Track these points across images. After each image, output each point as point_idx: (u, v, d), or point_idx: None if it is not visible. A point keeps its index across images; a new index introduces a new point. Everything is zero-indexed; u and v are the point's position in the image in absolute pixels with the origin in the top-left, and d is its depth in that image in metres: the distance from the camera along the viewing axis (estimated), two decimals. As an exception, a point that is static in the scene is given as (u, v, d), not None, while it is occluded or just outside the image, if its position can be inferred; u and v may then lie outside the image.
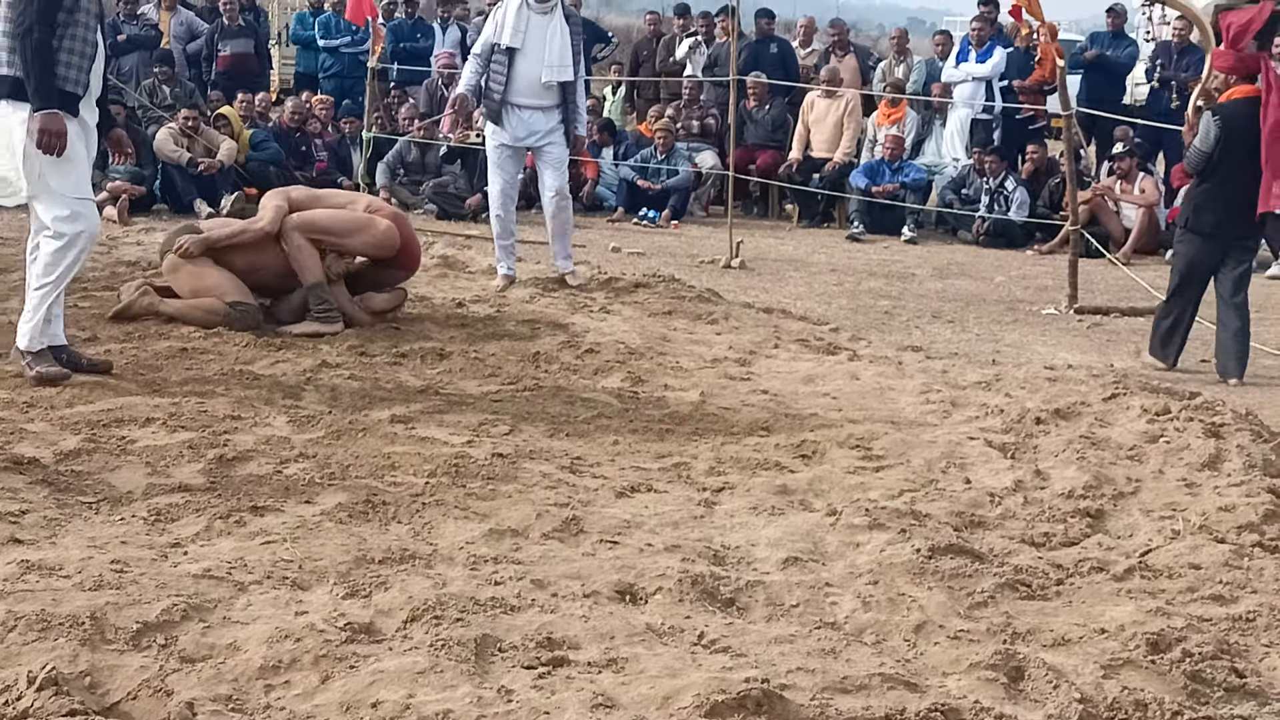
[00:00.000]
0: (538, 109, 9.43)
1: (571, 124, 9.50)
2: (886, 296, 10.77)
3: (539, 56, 9.29)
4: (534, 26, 9.30)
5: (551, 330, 8.05)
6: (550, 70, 9.29)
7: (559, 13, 9.37)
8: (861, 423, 6.39)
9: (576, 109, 9.60)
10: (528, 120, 9.45)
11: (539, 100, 9.41)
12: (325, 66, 17.05)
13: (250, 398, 6.34)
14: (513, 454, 5.63)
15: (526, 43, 9.29)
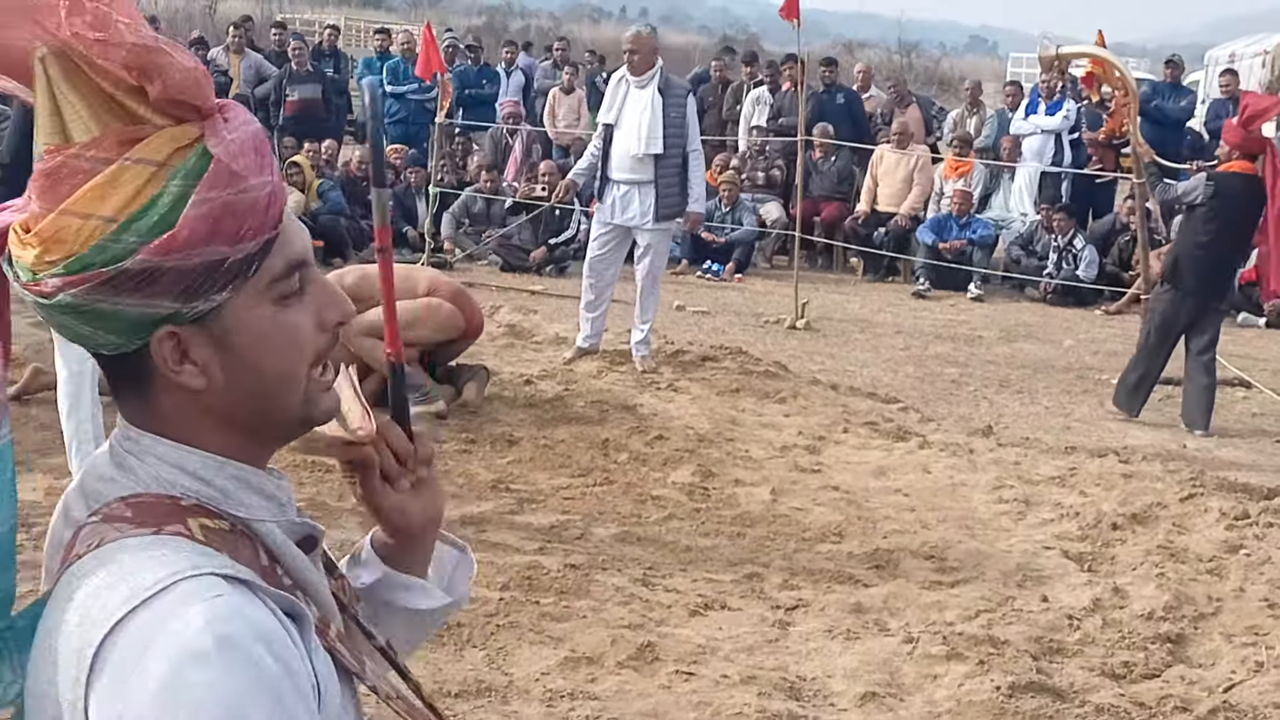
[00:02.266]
0: (632, 185, 9.12)
1: (682, 200, 9.19)
2: (953, 363, 10.70)
3: (632, 130, 9.06)
4: (630, 101, 9.11)
5: (619, 413, 8.04)
6: (639, 142, 9.01)
7: (654, 85, 9.08)
8: (935, 527, 6.34)
9: (690, 184, 9.22)
10: (623, 198, 9.18)
11: (632, 175, 9.11)
12: (391, 112, 17.15)
13: (322, 494, 6.36)
14: (585, 564, 5.63)
15: (622, 117, 9.12)
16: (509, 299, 11.90)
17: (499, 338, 9.94)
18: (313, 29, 27.34)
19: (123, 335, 1.28)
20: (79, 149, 1.24)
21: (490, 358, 9.23)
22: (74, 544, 1.29)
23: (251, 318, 1.31)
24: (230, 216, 1.26)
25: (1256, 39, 25.58)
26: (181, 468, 1.33)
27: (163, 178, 1.24)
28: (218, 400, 1.33)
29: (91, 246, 1.23)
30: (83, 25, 1.22)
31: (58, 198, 1.24)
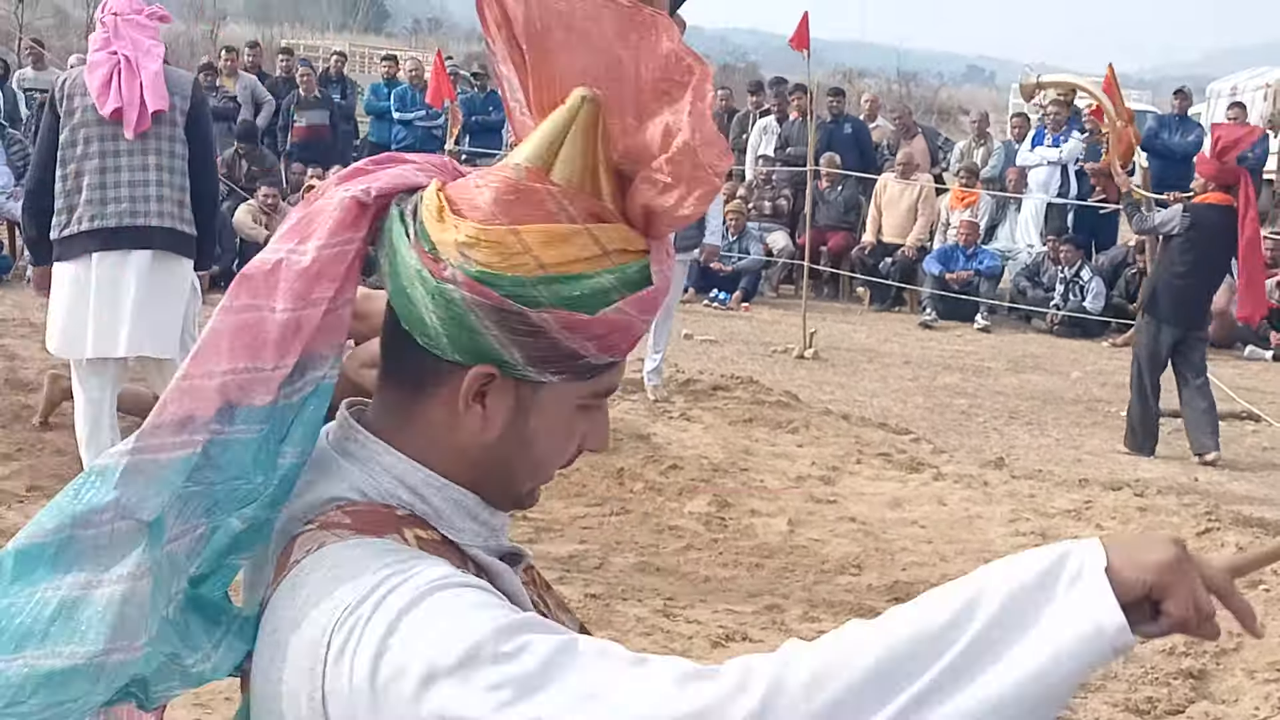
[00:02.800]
0: None
1: (699, 230, 9.07)
2: (963, 394, 10.71)
3: None
4: None
5: (633, 442, 8.05)
6: None
7: None
8: (952, 560, 6.34)
9: (706, 216, 9.31)
10: None
11: None
12: (398, 138, 17.20)
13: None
14: (605, 594, 5.62)
15: None
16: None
17: (510, 365, 9.94)
18: (317, 54, 27.41)
19: (456, 346, 1.32)
20: (559, 190, 1.29)
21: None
22: (291, 551, 1.33)
23: (556, 407, 1.35)
24: (623, 333, 1.33)
25: (1259, 72, 25.68)
26: (402, 481, 1.37)
27: (600, 264, 1.29)
28: (474, 445, 1.36)
29: (514, 276, 1.27)
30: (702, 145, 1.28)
31: (516, 216, 1.28)
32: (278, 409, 1.32)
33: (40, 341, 9.10)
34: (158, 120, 5.89)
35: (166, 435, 1.29)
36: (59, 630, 1.25)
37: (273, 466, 1.34)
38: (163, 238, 5.91)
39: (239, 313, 1.31)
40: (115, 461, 1.28)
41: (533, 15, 1.34)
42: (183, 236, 5.98)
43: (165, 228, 5.90)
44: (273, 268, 1.32)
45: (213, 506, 1.32)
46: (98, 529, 1.27)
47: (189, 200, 5.99)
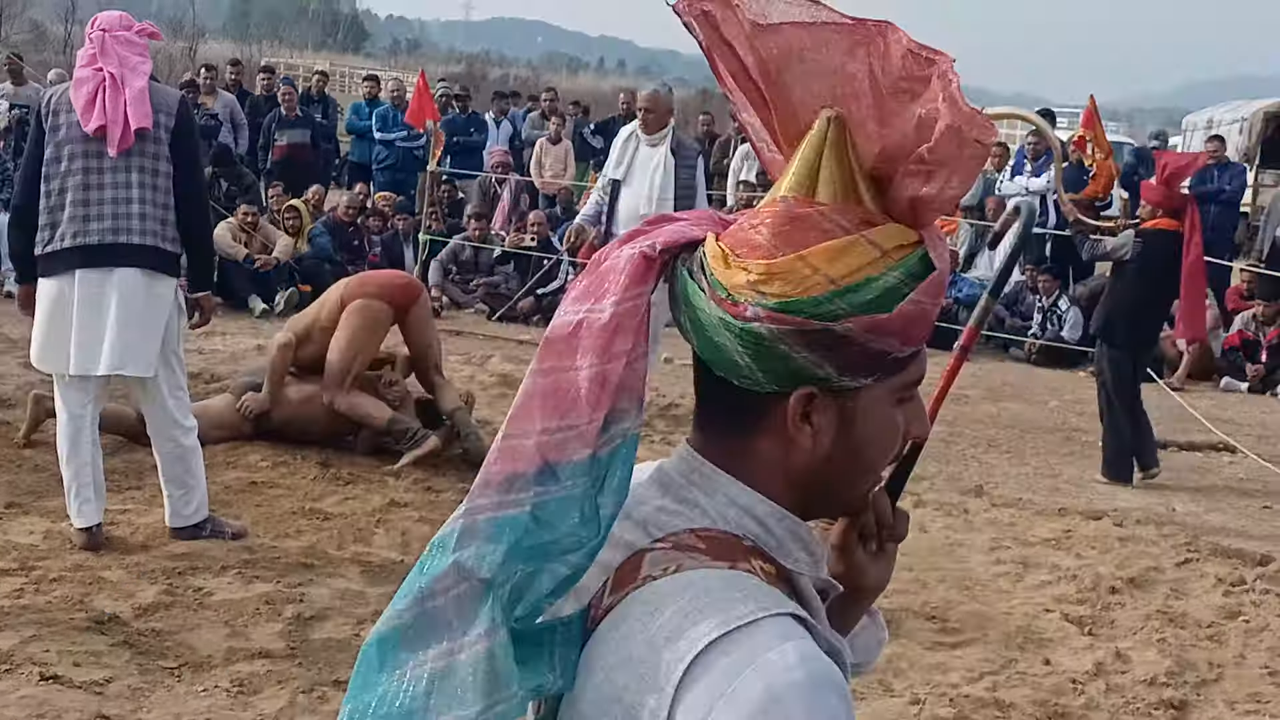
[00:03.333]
0: None
1: None
2: (941, 421, 10.67)
3: (641, 189, 8.86)
4: (640, 158, 8.91)
5: (615, 465, 8.03)
6: (648, 203, 8.78)
7: (666, 144, 8.88)
8: (934, 587, 6.35)
9: None
10: None
11: None
12: (379, 158, 17.20)
13: (322, 542, 6.34)
14: (588, 618, 5.60)
15: (631, 173, 8.91)
16: (498, 348, 11.90)
17: (491, 387, 9.94)
18: (298, 73, 27.40)
19: (772, 377, 1.38)
20: (827, 209, 1.36)
21: (484, 407, 9.22)
22: (639, 565, 1.39)
23: (876, 408, 1.42)
24: (921, 322, 1.38)
25: (1234, 105, 25.88)
26: (749, 512, 1.43)
27: (883, 265, 1.36)
28: (806, 465, 1.42)
29: (808, 297, 1.34)
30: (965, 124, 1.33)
31: (797, 243, 1.35)
32: (597, 462, 1.37)
33: (18, 357, 9.07)
34: (141, 138, 5.87)
35: (494, 495, 1.36)
36: (439, 702, 1.34)
37: (595, 518, 1.39)
38: (145, 256, 5.88)
39: (547, 375, 1.39)
40: (451, 528, 1.37)
41: (764, 58, 1.40)
42: (165, 255, 5.95)
43: (148, 246, 5.88)
44: (574, 329, 1.39)
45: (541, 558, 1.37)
46: (445, 596, 1.35)
47: (173, 219, 5.95)
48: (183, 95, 6.26)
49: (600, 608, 1.39)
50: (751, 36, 1.40)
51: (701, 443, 1.46)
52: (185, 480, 6.16)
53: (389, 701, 1.34)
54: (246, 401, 7.74)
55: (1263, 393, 13.07)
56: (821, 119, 1.38)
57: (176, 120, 5.97)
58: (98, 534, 5.99)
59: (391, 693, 1.34)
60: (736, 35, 1.42)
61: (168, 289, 6.00)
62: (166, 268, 5.98)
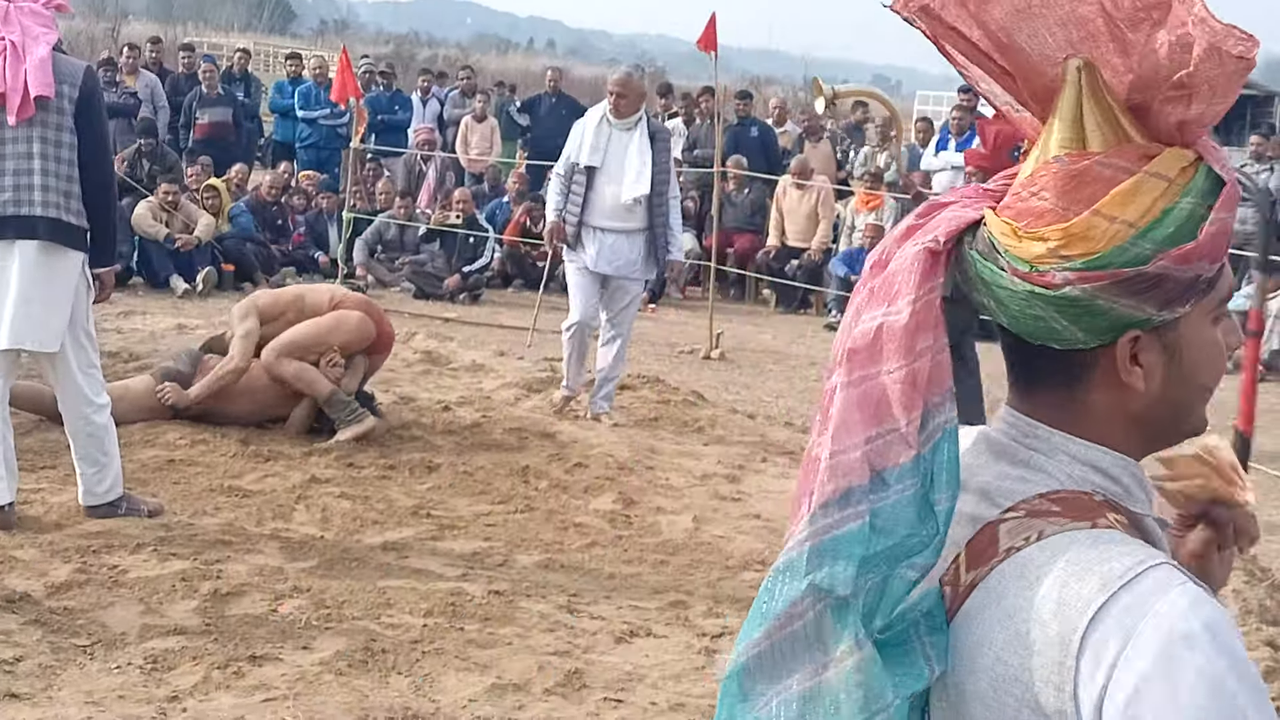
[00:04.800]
0: (620, 233, 8.57)
1: (662, 248, 8.72)
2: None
3: (618, 175, 8.52)
4: (615, 144, 8.55)
5: (539, 440, 8.01)
6: (628, 187, 8.49)
7: (642, 128, 8.59)
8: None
9: (670, 231, 8.75)
10: (610, 245, 8.59)
11: (621, 223, 8.56)
12: (303, 136, 17.04)
13: (240, 519, 6.27)
14: (509, 591, 5.58)
15: (606, 161, 8.54)
16: (423, 325, 11.83)
17: (415, 364, 9.88)
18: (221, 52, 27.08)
19: (1093, 333, 1.41)
20: (1102, 157, 1.38)
21: (407, 384, 9.18)
22: (994, 537, 1.41)
23: (1196, 333, 1.44)
24: (1223, 237, 1.39)
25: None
26: (1094, 465, 1.45)
27: (1174, 193, 1.38)
28: (1141, 404, 1.44)
29: (1114, 247, 1.37)
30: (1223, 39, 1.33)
31: (1084, 199, 1.37)
32: (921, 460, 1.40)
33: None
34: (44, 108, 5.75)
35: (835, 513, 1.39)
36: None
37: (931, 515, 1.41)
38: (47, 228, 5.76)
39: (857, 385, 1.42)
40: (797, 552, 1.40)
41: (992, 29, 1.42)
42: (69, 228, 5.82)
43: (49, 218, 5.76)
44: (874, 335, 1.42)
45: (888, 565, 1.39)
46: (802, 620, 1.38)
47: (78, 191, 5.84)
48: (89, 66, 6.13)
49: (961, 585, 1.42)
50: (975, 13, 1.42)
51: (1028, 406, 1.48)
52: (98, 458, 6.06)
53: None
54: (167, 392, 7.62)
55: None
56: (1070, 69, 1.39)
57: (81, 91, 5.85)
58: (9, 513, 5.88)
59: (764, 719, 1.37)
60: (959, 17, 1.43)
61: (72, 263, 5.86)
62: (70, 241, 5.84)
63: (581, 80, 45.66)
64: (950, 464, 1.41)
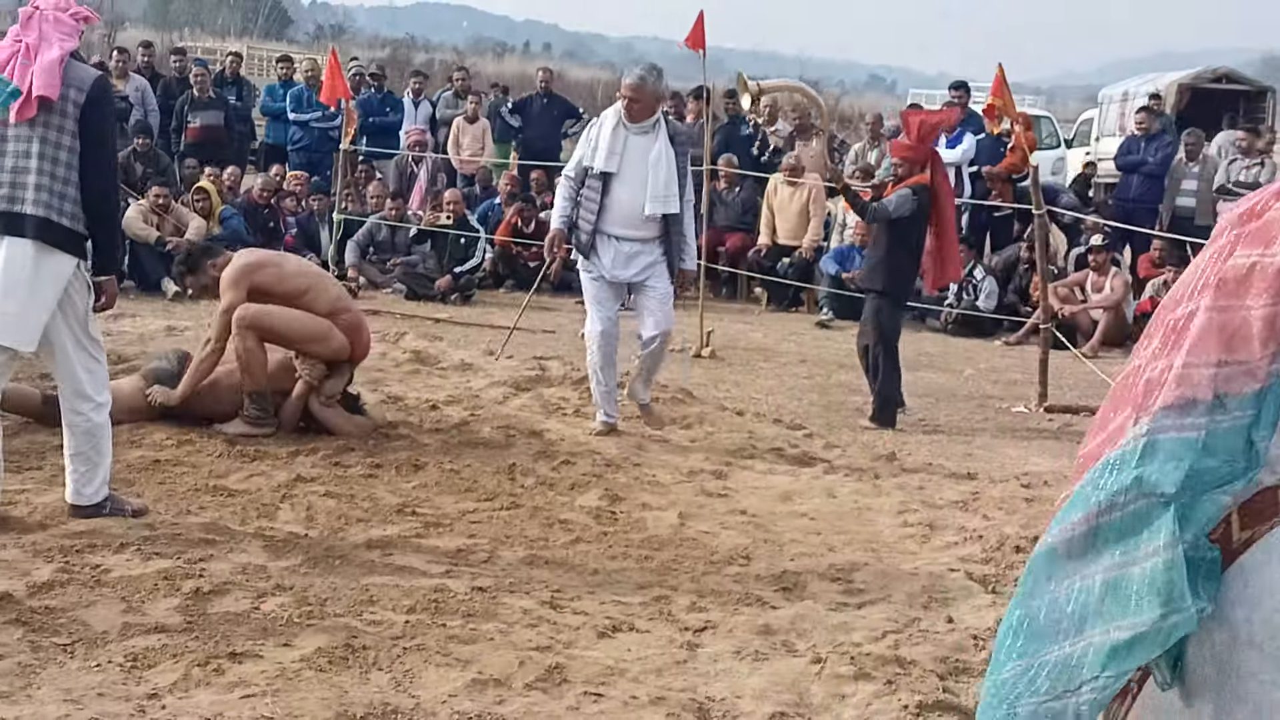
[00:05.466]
0: (637, 240, 8.16)
1: (677, 256, 8.28)
2: (858, 391, 10.73)
3: (639, 183, 8.04)
4: (632, 149, 8.07)
5: (526, 438, 8.01)
6: (655, 201, 8.04)
7: (662, 133, 8.13)
8: (840, 550, 6.37)
9: (684, 239, 8.32)
10: (626, 252, 8.17)
11: (638, 232, 8.15)
12: (294, 139, 17.04)
13: (225, 518, 6.27)
14: (492, 587, 5.58)
15: (623, 168, 8.06)
16: (414, 326, 11.84)
17: (404, 364, 9.88)
18: (215, 56, 27.07)
19: None
20: None
21: (395, 384, 9.18)
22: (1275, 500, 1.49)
23: None
24: None
25: (1149, 78, 26.14)
26: None
27: None
28: None
29: None
30: None
31: None
32: (1261, 395, 1.48)
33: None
34: (47, 109, 5.75)
35: (1175, 418, 1.48)
36: (1112, 609, 1.45)
37: (1252, 449, 1.49)
38: (36, 226, 5.76)
39: (1220, 312, 1.50)
40: (1132, 446, 1.48)
41: None
42: (61, 230, 5.80)
43: (39, 217, 5.76)
44: (1246, 272, 1.50)
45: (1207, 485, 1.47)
46: (1122, 510, 1.47)
47: (74, 195, 5.82)
48: (102, 75, 6.12)
49: (1234, 542, 1.49)
50: None
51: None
52: (91, 457, 6.06)
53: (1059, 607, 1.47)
54: (155, 394, 7.63)
55: (1175, 358, 13.22)
56: None
57: (88, 97, 5.84)
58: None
59: (1062, 599, 1.47)
60: None
61: (62, 265, 5.85)
62: (61, 243, 5.82)
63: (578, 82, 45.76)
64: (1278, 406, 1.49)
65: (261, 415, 7.61)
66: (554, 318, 12.98)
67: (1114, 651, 1.46)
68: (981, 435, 9.50)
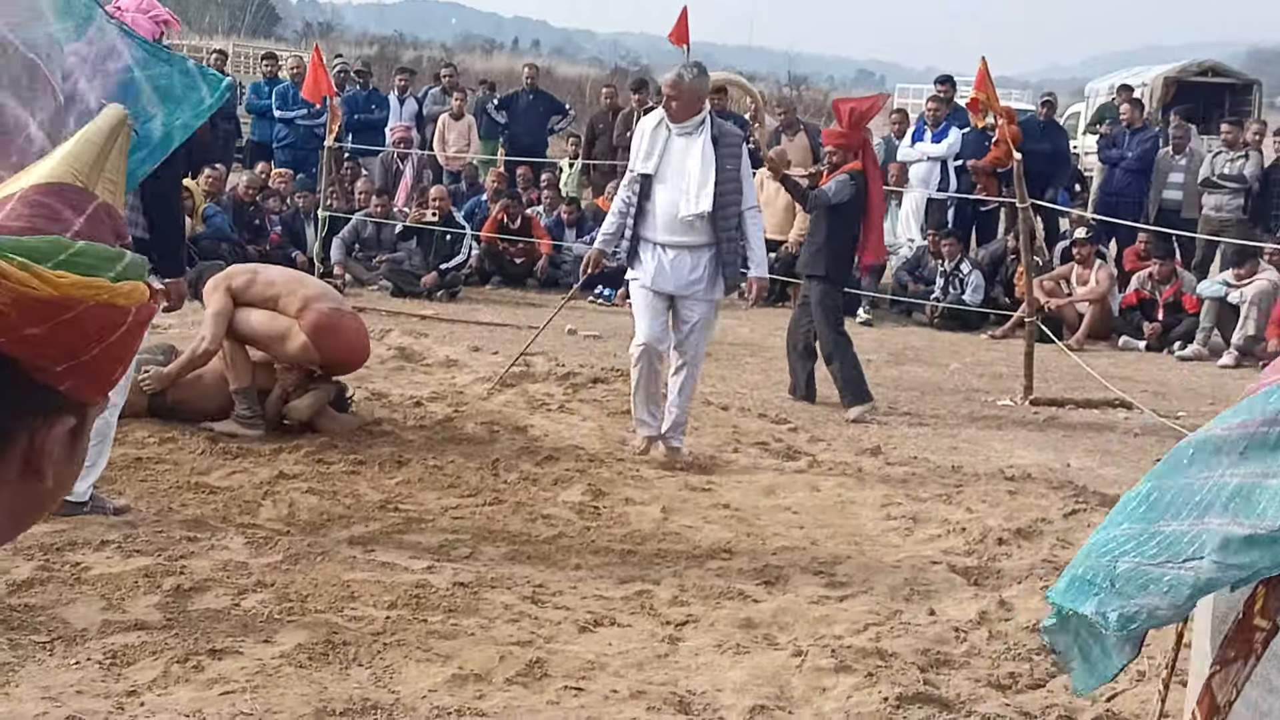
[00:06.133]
0: (681, 248, 7.70)
1: (732, 265, 7.80)
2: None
3: (676, 184, 7.64)
4: (674, 149, 7.69)
5: (510, 434, 8.01)
6: (688, 201, 7.59)
7: (705, 132, 7.66)
8: (823, 543, 6.37)
9: (748, 245, 7.89)
10: (670, 262, 7.71)
11: (680, 237, 7.68)
12: (280, 137, 17.01)
13: (207, 515, 6.26)
14: (474, 582, 5.58)
15: (663, 168, 7.68)
16: (399, 323, 11.82)
17: (389, 360, 9.87)
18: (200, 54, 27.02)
19: None
20: None
21: (380, 380, 9.17)
22: None
23: None
24: None
25: (1135, 71, 26.19)
26: None
27: None
28: None
29: None
30: None
31: None
32: None
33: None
34: None
35: None
36: (1238, 506, 1.51)
37: None
38: None
39: None
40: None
41: None
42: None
43: None
44: None
45: None
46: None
47: (134, 201, 5.93)
48: None
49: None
50: None
51: None
52: (92, 455, 6.06)
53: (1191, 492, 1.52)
54: (148, 378, 7.62)
55: (1160, 350, 13.25)
56: None
57: None
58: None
59: (1196, 485, 1.53)
60: None
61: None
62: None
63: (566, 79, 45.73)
64: None
65: (252, 416, 7.59)
66: (542, 314, 12.94)
67: (1226, 543, 1.51)
68: (967, 428, 9.50)
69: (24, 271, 1.06)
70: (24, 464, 1.17)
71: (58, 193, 1.16)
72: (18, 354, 1.09)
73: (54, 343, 1.10)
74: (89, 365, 1.14)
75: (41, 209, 1.14)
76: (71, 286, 1.08)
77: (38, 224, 1.12)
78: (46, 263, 1.08)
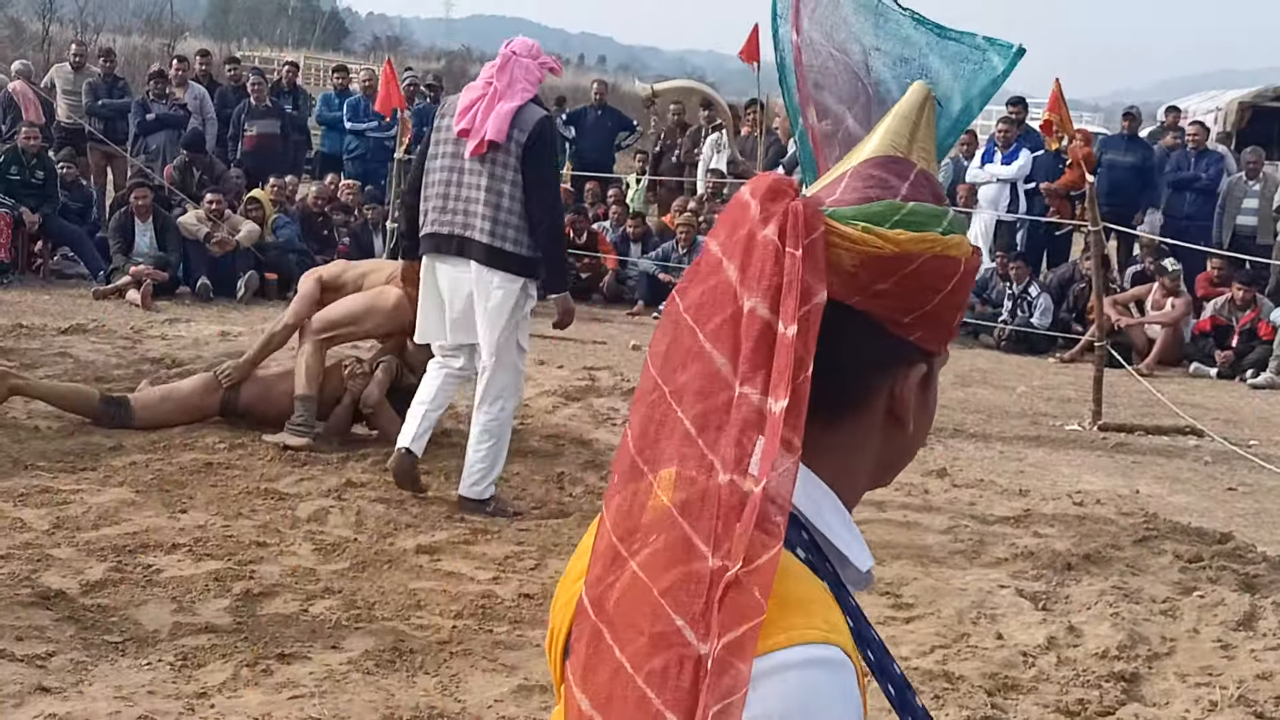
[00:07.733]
0: None
1: None
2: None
3: None
4: None
5: (575, 447, 8.02)
6: None
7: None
8: (890, 564, 6.33)
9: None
10: None
11: None
12: (350, 148, 17.13)
13: (275, 521, 6.30)
14: (539, 594, 5.58)
15: None
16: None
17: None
18: (271, 66, 27.30)
19: None
20: None
21: (446, 391, 9.18)
22: None
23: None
24: None
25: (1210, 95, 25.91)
26: None
27: None
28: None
29: None
30: None
31: None
32: None
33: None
34: (495, 148, 6.41)
35: None
36: None
37: None
38: (481, 251, 6.41)
39: None
40: None
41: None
42: (503, 254, 6.42)
43: (482, 243, 6.41)
44: None
45: None
46: None
47: (518, 223, 6.41)
48: (546, 116, 6.66)
49: None
50: None
51: None
52: (484, 452, 6.64)
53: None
54: (227, 368, 7.78)
55: (1232, 378, 13.09)
56: None
57: (529, 137, 6.44)
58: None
59: None
60: None
61: (509, 284, 6.44)
62: (499, 264, 6.42)
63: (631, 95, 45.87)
64: None
65: (305, 425, 7.63)
66: (605, 329, 12.98)
67: None
68: (1034, 452, 9.42)
69: (867, 234, 1.20)
70: (888, 414, 1.30)
71: (884, 164, 1.29)
72: (872, 309, 1.23)
73: (901, 295, 1.23)
74: (931, 315, 1.26)
75: (872, 180, 1.27)
76: (909, 241, 1.21)
77: (870, 194, 1.26)
78: (884, 224, 1.22)
